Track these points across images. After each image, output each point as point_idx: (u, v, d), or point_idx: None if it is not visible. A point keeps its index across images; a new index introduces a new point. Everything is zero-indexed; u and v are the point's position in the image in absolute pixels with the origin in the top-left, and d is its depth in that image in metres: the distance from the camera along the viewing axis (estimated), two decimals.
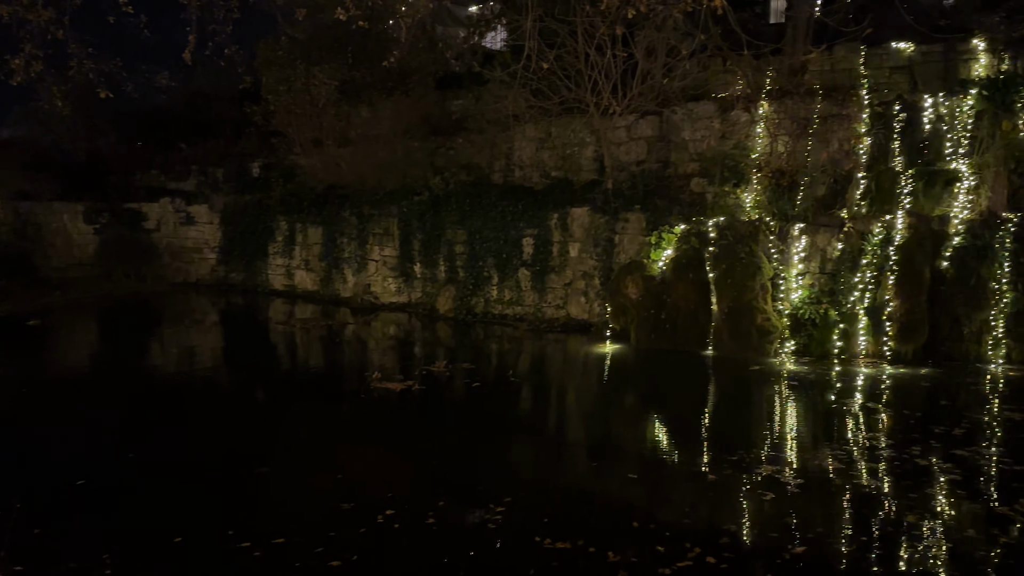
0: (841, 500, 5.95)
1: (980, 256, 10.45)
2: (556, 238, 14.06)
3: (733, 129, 13.22)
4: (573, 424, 8.90)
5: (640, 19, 7.78)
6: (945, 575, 4.72)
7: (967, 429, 7.53)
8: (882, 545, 5.09)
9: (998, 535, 5.15)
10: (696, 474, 6.55)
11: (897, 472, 6.43)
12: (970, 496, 5.89)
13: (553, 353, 12.55)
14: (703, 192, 13.08)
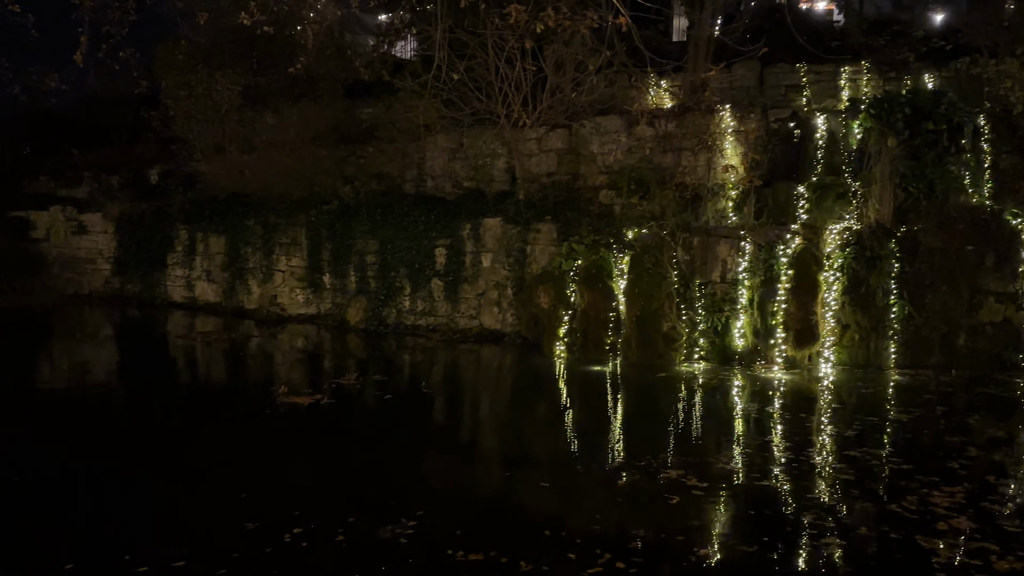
0: (743, 501, 6.16)
1: (869, 266, 11.07)
2: (469, 248, 14.06)
3: (639, 143, 13.57)
4: (486, 434, 8.89)
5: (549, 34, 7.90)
6: (841, 574, 4.94)
7: (859, 431, 7.94)
8: (782, 545, 5.29)
9: (888, 531, 5.44)
10: (607, 480, 6.65)
11: (795, 473, 6.71)
12: (863, 495, 6.20)
13: (466, 363, 12.53)
14: (612, 204, 13.36)
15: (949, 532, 5.36)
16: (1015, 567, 4.82)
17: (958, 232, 10.90)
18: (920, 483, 6.31)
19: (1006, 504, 5.97)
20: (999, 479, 6.55)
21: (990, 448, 7.54)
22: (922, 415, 8.60)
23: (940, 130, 12.11)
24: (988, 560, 4.92)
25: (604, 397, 10.18)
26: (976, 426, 8.26)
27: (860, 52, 14.25)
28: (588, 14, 6.64)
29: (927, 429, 8.09)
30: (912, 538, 5.29)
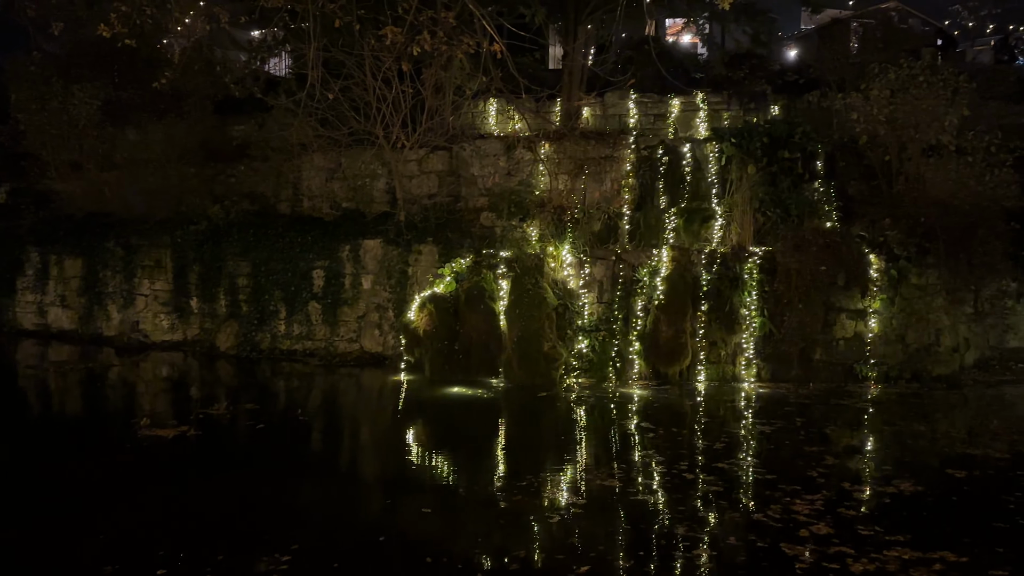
0: (620, 517, 6.30)
1: (732, 286, 11.69)
2: (348, 270, 13.78)
3: (518, 167, 13.80)
4: (366, 461, 8.69)
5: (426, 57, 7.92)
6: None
7: (726, 443, 8.33)
8: (657, 557, 5.44)
9: (755, 540, 5.71)
10: (489, 502, 6.64)
11: (668, 487, 6.94)
12: (731, 506, 6.49)
13: (346, 388, 12.23)
14: (492, 226, 13.49)
15: (810, 538, 5.69)
16: (868, 569, 5.16)
17: (812, 253, 11.69)
18: (783, 492, 6.67)
19: (860, 509, 6.39)
20: (853, 485, 7.02)
21: (845, 456, 8.09)
22: (783, 426, 9.12)
23: (795, 158, 13.04)
24: (845, 563, 5.24)
25: (487, 418, 10.19)
26: (832, 435, 8.85)
27: (722, 84, 15.14)
28: (464, 40, 6.71)
29: (788, 440, 8.58)
30: (777, 545, 5.57)
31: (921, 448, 8.45)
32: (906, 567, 5.17)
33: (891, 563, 5.24)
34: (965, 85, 12.41)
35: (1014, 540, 5.72)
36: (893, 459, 7.93)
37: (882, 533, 5.77)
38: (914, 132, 12.39)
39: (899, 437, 8.82)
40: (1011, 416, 9.69)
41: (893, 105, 12.36)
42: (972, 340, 12.64)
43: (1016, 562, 5.29)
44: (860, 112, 12.68)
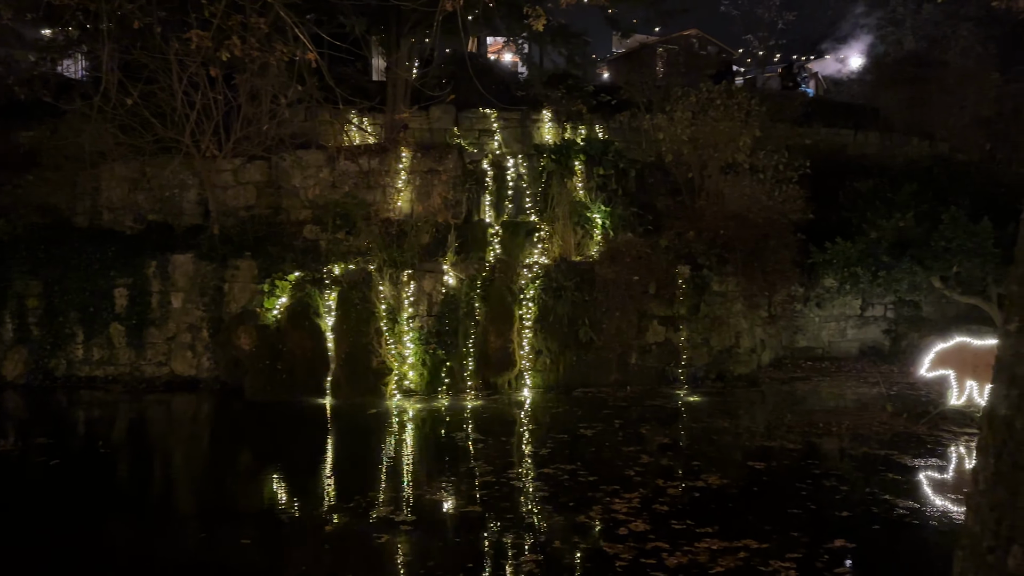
0: (450, 529, 6.30)
1: (555, 296, 12.10)
2: (156, 288, 12.82)
3: (342, 178, 13.50)
4: (179, 493, 8.09)
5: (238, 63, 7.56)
6: None
7: (551, 448, 8.58)
8: (486, 568, 5.48)
9: (579, 542, 5.90)
10: (314, 527, 6.39)
11: (497, 495, 7.02)
12: (556, 510, 6.67)
13: (155, 415, 11.35)
14: (317, 239, 13.08)
15: (629, 536, 5.97)
16: (681, 561, 5.49)
17: (626, 264, 12.37)
18: (604, 492, 6.97)
19: (673, 504, 6.79)
20: (667, 482, 7.45)
21: (659, 454, 8.57)
22: (603, 429, 9.54)
23: (609, 175, 13.75)
24: (660, 558, 5.55)
25: (313, 439, 9.83)
26: (647, 435, 9.36)
27: (542, 102, 15.68)
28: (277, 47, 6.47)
29: (608, 442, 8.98)
30: (599, 545, 5.80)
31: (726, 443, 9.13)
32: (715, 557, 5.55)
33: (702, 554, 5.60)
34: (757, 108, 13.66)
35: (807, 524, 6.31)
36: (702, 455, 8.51)
37: (693, 526, 6.16)
38: (713, 151, 13.46)
39: (706, 434, 9.49)
40: (802, 410, 10.71)
41: (695, 126, 13.36)
42: (767, 341, 13.90)
43: (809, 544, 5.83)
44: (666, 132, 13.60)
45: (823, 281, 13.89)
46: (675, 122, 13.49)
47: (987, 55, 19.05)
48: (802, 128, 16.52)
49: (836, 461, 8.43)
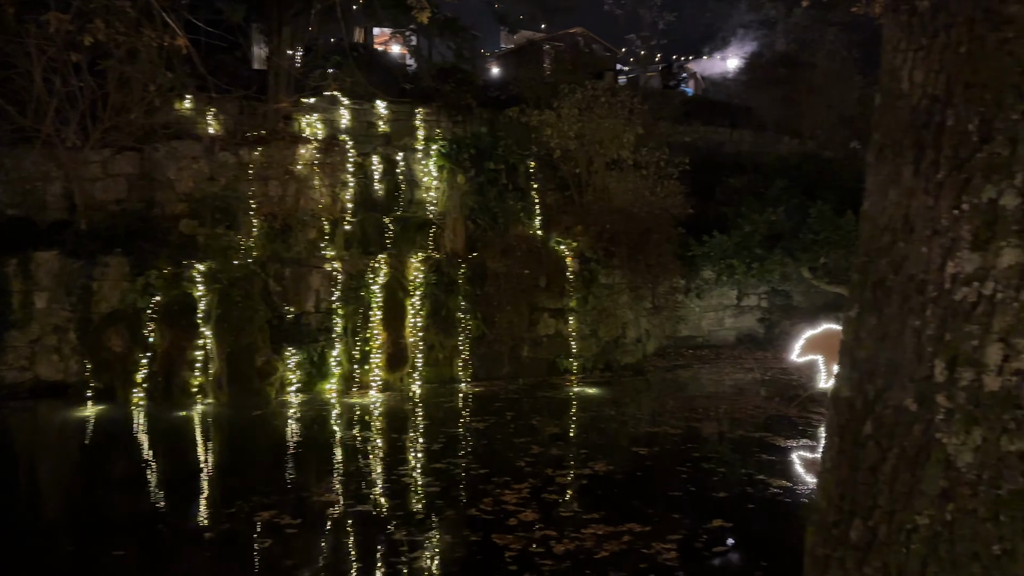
0: (340, 531, 6.18)
1: (447, 290, 12.08)
2: (17, 287, 11.88)
3: (222, 170, 12.95)
4: (45, 506, 7.54)
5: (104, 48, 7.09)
6: None
7: (444, 443, 8.56)
8: (377, 567, 5.41)
9: (469, 534, 5.92)
10: (194, 536, 6.13)
11: (389, 493, 6.95)
12: (448, 504, 6.67)
13: (17, 425, 10.54)
14: (194, 234, 12.49)
15: (519, 526, 6.03)
16: (569, 548, 5.60)
17: (517, 258, 12.50)
18: (495, 484, 7.01)
19: (562, 493, 6.92)
20: (556, 471, 7.58)
21: (549, 444, 8.71)
22: (495, 422, 9.61)
23: (499, 169, 13.83)
24: (549, 546, 5.64)
25: (192, 444, 9.42)
26: (538, 426, 9.50)
27: (432, 95, 15.58)
28: (146, 32, 6.11)
29: (499, 434, 9.06)
30: (489, 537, 5.83)
31: (613, 431, 9.39)
32: (600, 542, 5.70)
33: (588, 540, 5.73)
34: (639, 107, 14.08)
35: (687, 506, 6.57)
36: (590, 443, 8.71)
37: (580, 513, 6.30)
38: (599, 148, 13.79)
39: (595, 422, 9.73)
40: (684, 396, 11.16)
41: (581, 123, 13.64)
42: (652, 331, 14.38)
43: (689, 525, 6.07)
44: (554, 128, 13.81)
45: (702, 273, 14.51)
46: (562, 119, 13.72)
47: (851, 58, 20.39)
48: (682, 126, 17.19)
49: (715, 444, 8.83)
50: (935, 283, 1.38)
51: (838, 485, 1.57)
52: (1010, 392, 1.26)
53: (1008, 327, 1.26)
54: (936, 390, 1.35)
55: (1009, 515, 1.26)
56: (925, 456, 1.38)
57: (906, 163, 1.43)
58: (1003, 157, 1.26)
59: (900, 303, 1.44)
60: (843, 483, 1.55)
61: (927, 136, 1.39)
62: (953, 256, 1.34)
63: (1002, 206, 1.26)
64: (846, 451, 1.55)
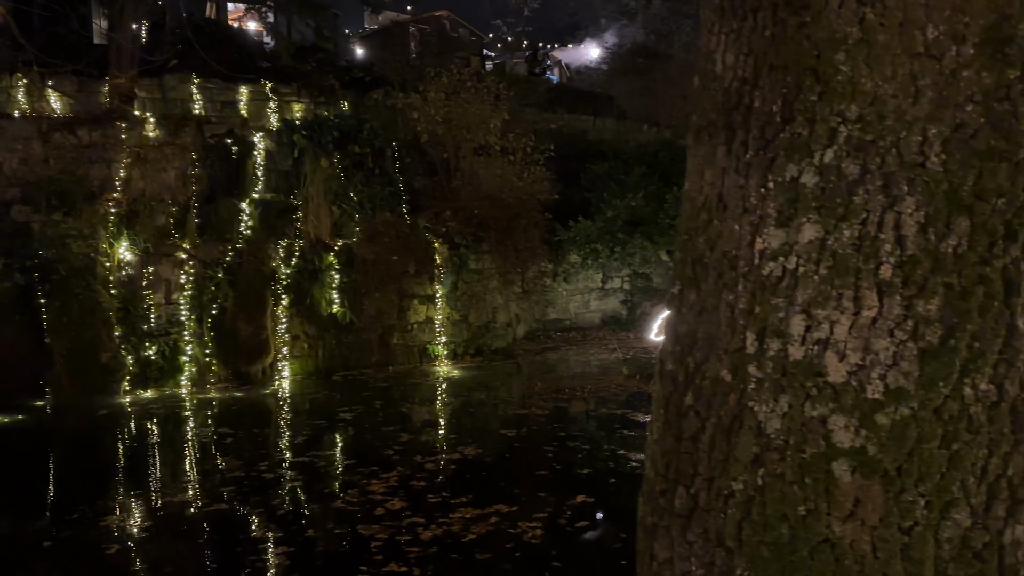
0: (195, 532, 5.88)
1: (312, 278, 11.71)
2: None
3: (58, 152, 11.93)
4: None
5: None
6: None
7: (309, 436, 8.33)
8: (240, 567, 5.19)
9: (333, 527, 5.79)
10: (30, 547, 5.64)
11: (248, 490, 6.67)
12: (312, 498, 6.49)
13: None
14: (28, 221, 11.44)
15: (386, 515, 5.96)
16: (436, 533, 5.59)
17: (385, 244, 12.29)
18: (361, 475, 6.89)
19: (430, 479, 6.89)
20: (425, 458, 7.54)
21: (419, 431, 8.67)
22: (364, 411, 9.44)
23: (365, 153, 13.52)
24: (416, 533, 5.60)
25: (28, 448, 8.65)
26: (408, 414, 9.43)
27: (291, 75, 15.01)
28: None
29: (367, 423, 8.91)
30: (355, 528, 5.73)
31: (483, 415, 9.46)
32: (468, 525, 5.72)
33: (456, 524, 5.74)
34: (505, 93, 14.15)
35: (553, 484, 6.71)
36: (460, 428, 8.74)
37: (448, 498, 6.30)
38: (466, 133, 13.76)
39: (465, 407, 9.76)
40: (552, 378, 11.38)
41: (448, 107, 13.55)
42: (521, 315, 14.57)
43: (555, 503, 6.20)
44: (420, 112, 13.64)
45: (569, 257, 14.82)
46: (429, 103, 13.57)
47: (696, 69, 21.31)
48: (547, 113, 17.45)
49: (580, 423, 9.07)
50: (746, 259, 1.43)
51: (663, 455, 1.62)
52: (812, 361, 1.32)
53: (809, 299, 1.32)
54: (748, 360, 1.41)
55: (812, 477, 1.33)
56: (739, 424, 1.43)
57: (719, 144, 1.48)
58: (803, 137, 1.32)
59: (716, 279, 1.49)
60: (668, 453, 1.60)
61: (737, 117, 1.43)
62: (761, 232, 1.39)
63: (803, 184, 1.32)
64: (670, 422, 1.60)
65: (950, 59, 1.18)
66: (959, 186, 1.20)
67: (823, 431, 1.31)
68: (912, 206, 1.23)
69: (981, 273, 1.21)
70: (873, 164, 1.25)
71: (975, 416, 1.24)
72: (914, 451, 1.26)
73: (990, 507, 1.26)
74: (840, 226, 1.28)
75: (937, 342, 1.23)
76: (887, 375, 1.26)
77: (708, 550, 1.47)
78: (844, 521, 1.30)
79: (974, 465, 1.25)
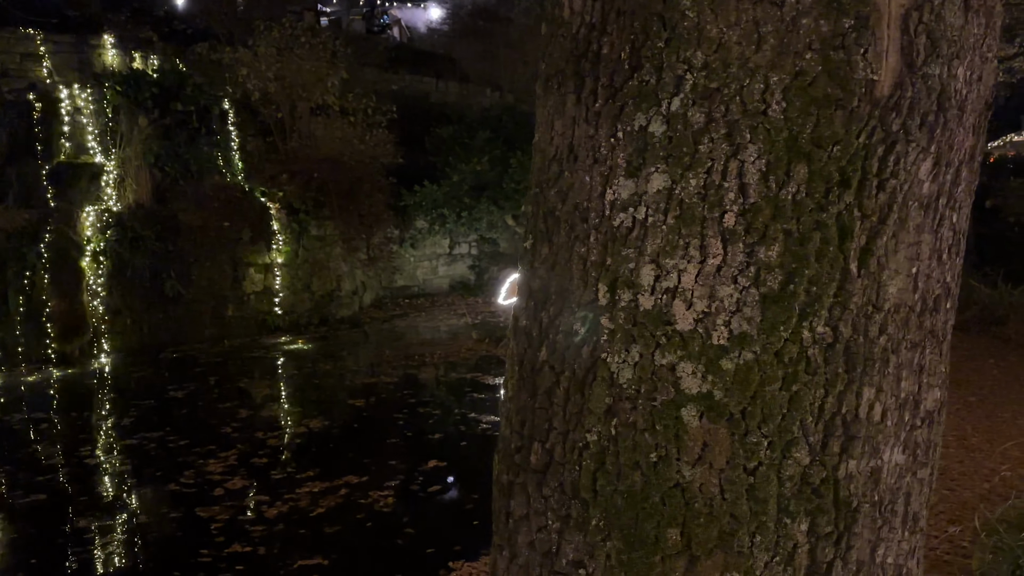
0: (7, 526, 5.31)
1: (133, 247, 10.82)
2: None
3: None
4: None
5: None
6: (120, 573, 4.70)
7: (136, 416, 7.74)
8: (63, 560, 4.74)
9: (168, 511, 5.43)
10: None
11: (66, 479, 6.12)
12: (142, 483, 6.05)
13: None
14: None
15: (225, 495, 5.66)
16: (282, 511, 5.38)
17: (216, 210, 11.55)
18: (197, 455, 6.51)
19: (273, 455, 6.61)
20: (267, 433, 7.22)
21: (260, 406, 8.29)
22: (197, 388, 8.90)
23: (189, 111, 12.55)
24: (260, 511, 5.37)
25: None
26: (247, 389, 8.99)
27: (102, 24, 13.61)
28: None
29: (202, 401, 8.41)
30: (192, 511, 5.40)
31: (329, 386, 9.20)
32: (316, 499, 5.55)
33: (303, 499, 5.56)
34: (343, 50, 13.60)
35: (404, 452, 6.65)
36: (305, 401, 8.45)
37: (294, 473, 6.08)
38: (302, 91, 13.12)
39: (310, 379, 9.44)
40: (400, 345, 11.25)
41: (281, 63, 12.83)
42: (368, 283, 14.27)
43: (406, 470, 6.15)
44: (250, 68, 12.82)
45: (415, 223, 14.64)
46: (260, 58, 12.78)
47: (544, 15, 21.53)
48: (388, 73, 16.99)
49: (431, 389, 9.05)
50: (597, 210, 1.41)
51: (518, 412, 1.59)
52: (661, 310, 1.32)
53: (658, 249, 1.32)
54: (600, 312, 1.39)
55: (663, 424, 1.34)
56: (592, 376, 1.42)
57: (569, 92, 1.44)
58: (651, 85, 1.30)
59: (568, 231, 1.47)
60: (523, 410, 1.57)
61: (586, 65, 1.40)
62: (611, 183, 1.38)
63: (651, 133, 1.31)
64: (525, 378, 1.57)
65: (790, 5, 1.19)
66: (798, 134, 1.23)
67: (672, 378, 1.32)
68: (754, 154, 1.25)
69: (817, 219, 1.25)
70: (718, 112, 1.25)
71: (812, 358, 1.29)
72: (757, 394, 1.30)
73: (826, 444, 1.33)
74: (687, 175, 1.28)
75: (777, 287, 1.27)
76: (731, 321, 1.29)
77: (564, 503, 1.46)
78: (693, 465, 1.33)
79: (812, 405, 1.31)
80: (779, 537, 1.34)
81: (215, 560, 4.67)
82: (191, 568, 4.59)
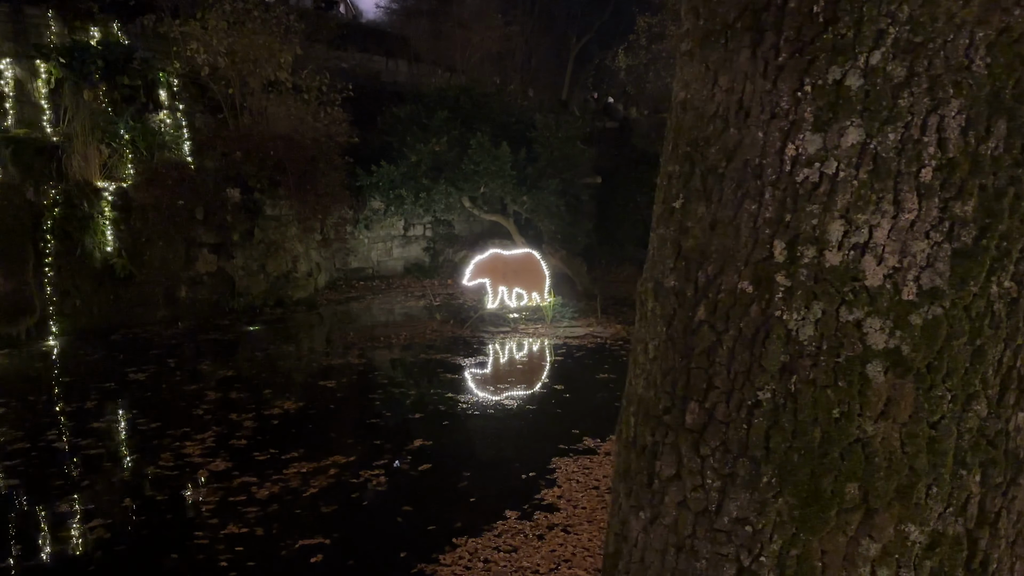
0: None
1: (82, 226, 10.34)
2: None
3: None
4: None
5: None
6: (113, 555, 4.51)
7: (98, 400, 7.42)
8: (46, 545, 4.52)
9: (154, 495, 5.23)
10: None
11: (34, 464, 5.82)
12: (118, 466, 5.81)
13: None
14: None
15: (211, 477, 5.49)
16: (273, 491, 5.25)
17: (168, 188, 11.13)
18: (172, 438, 6.29)
19: (252, 436, 6.43)
20: (241, 415, 7.03)
21: (226, 388, 8.04)
22: (157, 371, 8.58)
23: (136, 86, 12.03)
24: (251, 492, 5.22)
25: None
26: (209, 371, 8.72)
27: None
28: None
29: (165, 383, 8.12)
30: (179, 493, 5.23)
31: (295, 367, 8.99)
32: (307, 480, 5.44)
33: (293, 479, 5.44)
34: (296, 25, 13.21)
35: (387, 431, 6.56)
36: (272, 383, 8.23)
37: (278, 454, 5.94)
38: (254, 67, 12.70)
39: (272, 361, 9.21)
40: (360, 327, 11.07)
41: (231, 38, 12.39)
42: (323, 264, 13.99)
43: (393, 449, 6.07)
44: (200, 42, 12.33)
45: (371, 203, 14.38)
46: (210, 32, 12.30)
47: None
48: (338, 51, 16.60)
49: (402, 369, 8.94)
50: (773, 166, 1.40)
51: (667, 373, 1.58)
52: (849, 265, 1.32)
53: (848, 204, 1.32)
54: (775, 270, 1.38)
55: (846, 380, 1.34)
56: (764, 334, 1.41)
57: (743, 47, 1.42)
58: (847, 38, 1.30)
59: (734, 189, 1.45)
60: (673, 370, 1.56)
61: (768, 19, 1.38)
62: (793, 138, 1.37)
63: (846, 86, 1.30)
64: (675, 339, 1.56)
65: None
66: (1000, 89, 1.25)
67: (858, 334, 1.33)
68: (955, 109, 1.26)
69: (1013, 175, 1.27)
70: (920, 67, 1.26)
71: (997, 312, 1.32)
72: (944, 348, 1.32)
73: (1003, 397, 1.36)
74: (884, 129, 1.28)
75: (971, 242, 1.29)
76: (921, 276, 1.31)
77: (727, 461, 1.46)
78: (876, 420, 1.34)
79: (993, 359, 1.34)
80: (954, 488, 1.36)
81: (212, 541, 4.53)
82: (188, 550, 4.44)
